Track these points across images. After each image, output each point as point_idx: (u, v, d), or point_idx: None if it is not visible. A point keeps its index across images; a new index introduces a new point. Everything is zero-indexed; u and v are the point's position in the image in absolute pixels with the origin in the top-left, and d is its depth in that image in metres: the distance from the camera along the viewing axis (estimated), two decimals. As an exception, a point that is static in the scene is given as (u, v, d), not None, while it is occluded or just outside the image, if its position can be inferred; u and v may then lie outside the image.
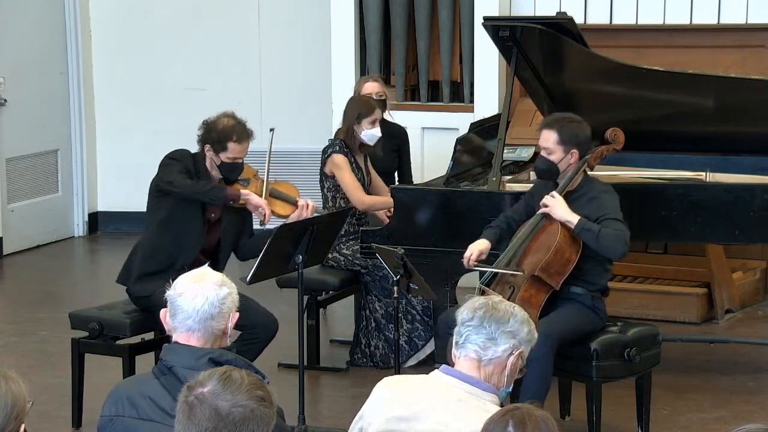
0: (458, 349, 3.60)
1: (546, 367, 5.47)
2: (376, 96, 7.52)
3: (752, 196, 6.30)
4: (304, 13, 10.09)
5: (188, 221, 6.00)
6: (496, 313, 3.60)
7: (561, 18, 6.86)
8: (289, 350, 6.63)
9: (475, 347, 3.57)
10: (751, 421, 2.78)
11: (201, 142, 6.06)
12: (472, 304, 3.64)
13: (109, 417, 3.47)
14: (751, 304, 8.11)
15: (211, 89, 9.93)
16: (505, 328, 3.59)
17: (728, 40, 8.24)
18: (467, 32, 8.91)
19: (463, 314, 3.62)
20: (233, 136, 5.98)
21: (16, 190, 9.91)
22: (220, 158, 6.02)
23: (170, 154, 6.08)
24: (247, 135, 6.04)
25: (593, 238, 5.60)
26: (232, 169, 6.05)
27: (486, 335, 3.57)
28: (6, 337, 7.65)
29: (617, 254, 5.67)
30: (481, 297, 3.70)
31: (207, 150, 6.04)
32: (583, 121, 5.86)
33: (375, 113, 7.06)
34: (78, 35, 10.28)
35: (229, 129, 6.00)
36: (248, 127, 6.06)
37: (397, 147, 7.70)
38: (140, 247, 6.12)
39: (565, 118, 5.86)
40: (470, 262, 5.78)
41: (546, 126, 5.83)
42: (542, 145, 5.81)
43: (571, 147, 5.74)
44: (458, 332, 3.61)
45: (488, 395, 3.54)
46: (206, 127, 6.05)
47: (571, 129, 5.77)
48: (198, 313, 3.53)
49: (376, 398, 3.62)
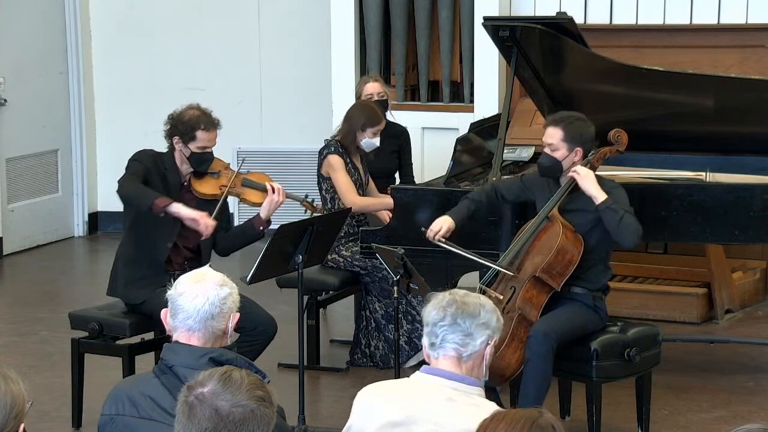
0: (435, 350, 3.60)
1: (545, 366, 5.47)
2: (378, 96, 7.52)
3: (752, 196, 6.30)
4: (304, 14, 10.09)
5: (157, 220, 5.97)
6: (467, 307, 3.61)
7: (561, 18, 6.86)
8: (289, 350, 6.63)
9: (454, 345, 3.58)
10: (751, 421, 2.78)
11: (168, 136, 6.08)
12: (439, 303, 3.63)
13: (110, 416, 3.48)
14: (751, 304, 8.11)
15: (211, 89, 9.93)
16: (479, 320, 3.61)
17: (728, 40, 8.24)
18: (467, 32, 8.91)
19: (433, 315, 3.62)
20: (200, 125, 6.01)
21: (16, 190, 9.91)
22: (190, 149, 6.03)
23: (132, 156, 6.10)
24: (214, 124, 6.06)
25: (615, 220, 5.60)
26: (202, 160, 6.06)
27: (462, 332, 3.59)
28: (6, 337, 7.65)
29: (631, 243, 5.68)
30: (446, 294, 3.67)
31: (176, 142, 6.05)
32: (588, 120, 5.86)
33: (381, 124, 7.06)
34: (78, 35, 10.29)
35: (196, 119, 6.03)
36: (214, 117, 6.08)
37: (398, 148, 7.69)
38: (120, 255, 6.16)
39: (572, 116, 5.87)
40: (436, 236, 5.81)
41: (552, 123, 5.83)
42: (547, 142, 5.80)
43: (576, 145, 5.75)
44: (432, 333, 3.61)
45: (475, 389, 3.55)
46: (172, 120, 6.08)
47: (577, 127, 5.78)
48: (199, 313, 3.53)
49: (363, 407, 3.60)
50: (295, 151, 10.04)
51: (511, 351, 5.50)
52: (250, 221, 6.22)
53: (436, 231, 5.86)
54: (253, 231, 6.18)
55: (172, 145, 6.08)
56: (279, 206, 6.17)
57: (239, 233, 6.27)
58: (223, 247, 6.24)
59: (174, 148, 6.08)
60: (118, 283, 6.10)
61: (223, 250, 6.25)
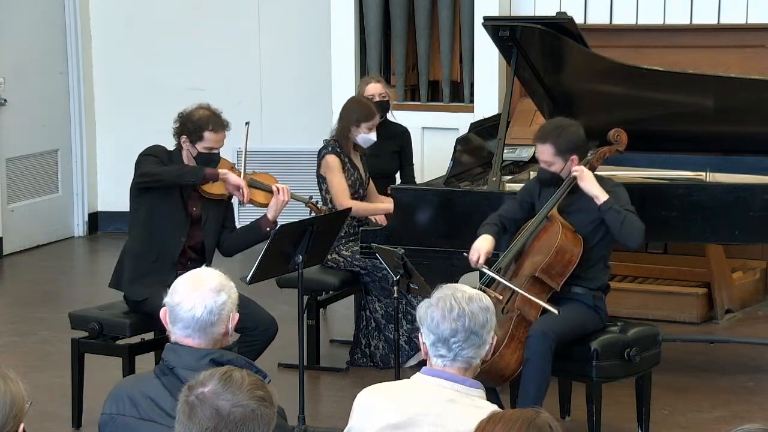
0: (444, 360, 3.55)
1: (544, 365, 5.47)
2: (380, 97, 7.51)
3: (752, 196, 6.30)
4: (304, 14, 10.09)
5: (170, 215, 6.02)
6: (476, 317, 3.54)
7: (561, 18, 6.86)
8: (289, 350, 6.63)
9: (467, 358, 3.55)
10: (751, 421, 2.78)
11: (177, 135, 6.09)
12: (449, 314, 3.53)
13: (110, 415, 3.47)
14: (751, 304, 8.11)
15: (211, 89, 9.92)
16: (488, 327, 3.57)
17: (728, 40, 8.24)
18: (467, 32, 8.91)
19: (444, 330, 3.53)
20: (209, 126, 6.01)
21: (16, 190, 9.91)
22: (197, 149, 6.04)
23: (144, 151, 6.11)
24: (223, 125, 6.07)
25: (618, 221, 5.59)
26: (208, 160, 6.07)
27: (475, 344, 3.54)
28: (6, 337, 7.65)
29: (636, 243, 5.68)
30: (451, 300, 3.56)
31: (183, 141, 6.06)
32: (574, 122, 5.84)
33: (374, 119, 7.05)
34: (78, 35, 10.29)
35: (205, 119, 6.03)
36: (224, 118, 6.09)
37: (399, 148, 7.69)
38: (127, 250, 6.14)
39: (557, 127, 5.82)
40: (479, 264, 5.75)
41: (540, 140, 5.80)
42: (541, 159, 5.81)
43: (569, 154, 5.74)
44: (445, 347, 3.52)
45: (476, 391, 3.54)
46: (182, 119, 6.09)
47: (566, 137, 5.74)
48: (197, 323, 3.51)
49: (363, 408, 3.58)
50: (295, 151, 10.04)
51: (510, 351, 5.50)
52: (256, 221, 6.22)
53: (475, 260, 5.71)
54: (259, 231, 6.18)
55: (180, 144, 6.09)
56: (285, 206, 6.19)
57: (245, 233, 6.26)
58: (229, 246, 6.24)
59: (182, 147, 6.09)
60: (123, 278, 6.09)
61: (228, 249, 6.25)
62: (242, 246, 6.26)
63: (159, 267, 5.96)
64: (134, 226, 6.15)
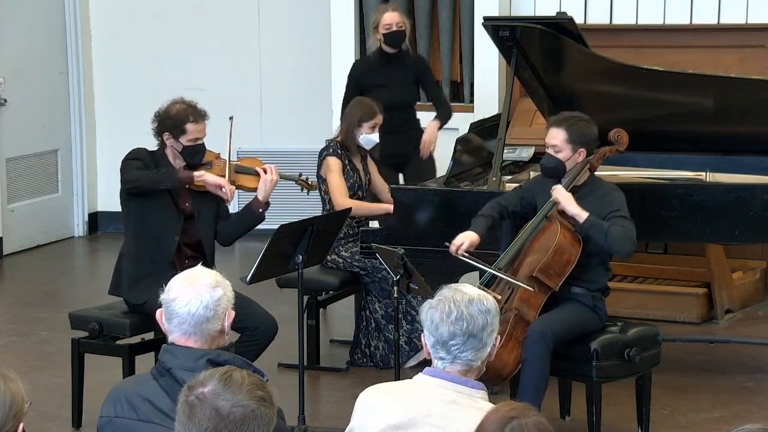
0: (444, 362, 3.54)
1: (543, 365, 5.47)
2: (397, 27, 7.60)
3: (752, 196, 6.30)
4: (304, 14, 10.09)
5: (161, 215, 6.00)
6: (475, 320, 3.52)
7: (561, 18, 6.86)
8: (289, 350, 6.63)
9: (467, 360, 3.54)
10: (751, 421, 2.78)
11: (158, 133, 6.07)
12: (447, 317, 3.51)
13: (108, 418, 3.47)
14: (751, 304, 8.11)
15: (211, 89, 9.91)
16: (489, 329, 3.54)
17: (728, 40, 8.24)
18: (467, 32, 8.91)
19: (442, 332, 3.52)
20: (189, 118, 6.00)
21: (16, 190, 9.91)
22: (181, 143, 6.02)
23: (127, 155, 6.08)
24: (202, 115, 6.05)
25: (602, 235, 5.59)
26: (194, 152, 6.05)
27: (474, 347, 3.52)
28: (6, 337, 7.65)
29: (625, 252, 5.67)
30: (450, 302, 3.54)
31: (166, 139, 6.04)
32: (591, 120, 5.86)
33: (376, 118, 7.06)
34: (78, 35, 10.29)
35: (183, 112, 6.02)
36: (201, 108, 6.08)
37: (416, 78, 7.80)
38: (124, 255, 6.13)
39: (575, 116, 5.86)
40: (459, 250, 5.76)
41: (555, 124, 5.82)
42: (550, 143, 5.80)
43: (579, 146, 5.75)
44: (444, 349, 3.52)
45: (478, 392, 3.52)
46: (159, 117, 6.08)
47: (580, 128, 5.77)
48: (193, 318, 3.50)
49: (365, 409, 3.57)
50: (295, 151, 10.03)
51: (508, 351, 5.49)
52: (248, 205, 6.22)
53: (458, 245, 5.80)
54: (253, 214, 6.17)
55: (163, 142, 6.07)
56: (275, 185, 6.17)
57: (239, 219, 6.25)
58: (226, 234, 6.21)
59: (165, 145, 6.07)
60: (122, 283, 6.08)
61: (225, 238, 6.23)
62: (239, 232, 6.23)
63: (156, 268, 5.92)
64: (128, 231, 6.14)
